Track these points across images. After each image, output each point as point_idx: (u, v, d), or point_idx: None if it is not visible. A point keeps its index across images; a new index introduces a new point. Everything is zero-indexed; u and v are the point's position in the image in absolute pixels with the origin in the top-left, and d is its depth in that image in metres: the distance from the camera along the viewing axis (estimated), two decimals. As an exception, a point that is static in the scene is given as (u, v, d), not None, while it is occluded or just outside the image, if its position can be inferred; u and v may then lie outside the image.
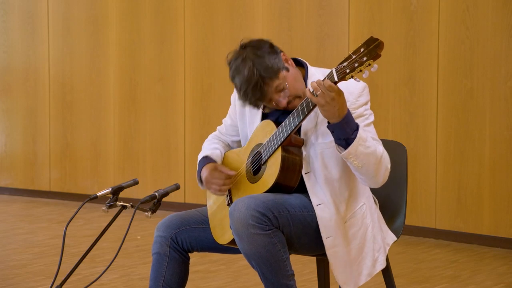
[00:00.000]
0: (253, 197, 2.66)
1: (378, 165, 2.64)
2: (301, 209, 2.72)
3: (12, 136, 7.30)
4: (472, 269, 4.60)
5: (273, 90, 2.72)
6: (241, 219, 2.60)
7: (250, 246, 2.60)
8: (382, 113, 5.42)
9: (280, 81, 2.71)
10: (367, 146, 2.61)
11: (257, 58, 2.70)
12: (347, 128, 2.58)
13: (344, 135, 2.59)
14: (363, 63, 2.44)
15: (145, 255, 4.87)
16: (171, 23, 6.41)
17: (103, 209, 2.72)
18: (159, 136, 6.53)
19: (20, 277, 4.35)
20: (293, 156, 2.72)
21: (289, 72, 2.75)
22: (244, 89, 2.71)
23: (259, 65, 2.69)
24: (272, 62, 2.71)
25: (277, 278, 2.64)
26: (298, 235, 2.71)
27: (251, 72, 2.68)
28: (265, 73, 2.69)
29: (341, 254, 2.73)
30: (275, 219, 2.63)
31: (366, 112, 2.73)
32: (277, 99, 2.74)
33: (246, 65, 2.70)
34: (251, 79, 2.68)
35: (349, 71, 2.47)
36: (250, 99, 2.73)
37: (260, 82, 2.68)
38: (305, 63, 2.86)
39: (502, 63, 5.06)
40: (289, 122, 2.68)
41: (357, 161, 2.61)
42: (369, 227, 2.80)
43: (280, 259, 2.63)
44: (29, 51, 7.12)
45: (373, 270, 2.81)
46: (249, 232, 2.59)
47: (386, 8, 5.45)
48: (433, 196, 5.34)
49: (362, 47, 2.46)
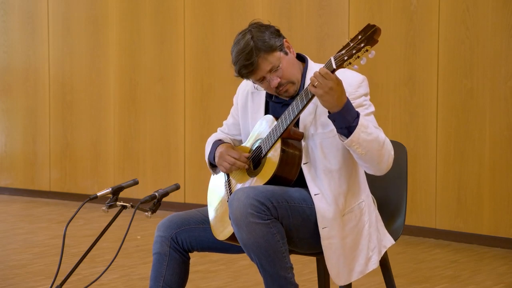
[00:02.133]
0: (253, 187, 2.68)
1: (381, 151, 2.66)
2: (301, 202, 2.73)
3: (12, 136, 7.30)
4: (472, 269, 4.60)
5: (266, 65, 2.76)
6: (240, 208, 2.61)
7: (249, 236, 2.61)
8: (382, 113, 5.42)
9: (275, 59, 2.77)
10: (369, 132, 2.62)
11: (258, 33, 2.78)
12: (347, 116, 2.59)
13: (345, 123, 2.60)
14: (361, 49, 2.48)
15: (145, 255, 4.87)
16: (171, 23, 6.41)
17: (103, 209, 2.72)
18: (159, 136, 6.53)
19: (20, 277, 4.35)
20: (292, 149, 2.74)
21: (287, 56, 2.81)
22: (238, 56, 2.76)
23: (257, 38, 2.76)
24: (271, 39, 2.78)
25: (275, 270, 2.65)
26: (297, 227, 2.72)
27: (248, 42, 2.75)
28: (260, 45, 2.75)
29: (336, 246, 2.74)
30: (274, 209, 2.64)
31: (366, 103, 2.75)
32: (270, 77, 2.78)
33: (245, 38, 2.77)
34: (246, 48, 2.75)
35: (347, 58, 2.51)
36: (241, 65, 2.76)
37: (253, 52, 2.74)
38: (306, 58, 2.90)
39: (502, 63, 5.06)
40: (288, 114, 2.71)
41: (360, 148, 2.62)
42: (365, 224, 2.81)
43: (278, 250, 2.63)
44: (29, 51, 7.12)
45: (365, 268, 2.81)
46: (248, 221, 2.59)
47: (386, 8, 5.45)
48: (433, 196, 5.34)
49: (360, 34, 2.51)
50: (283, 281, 2.66)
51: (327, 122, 2.71)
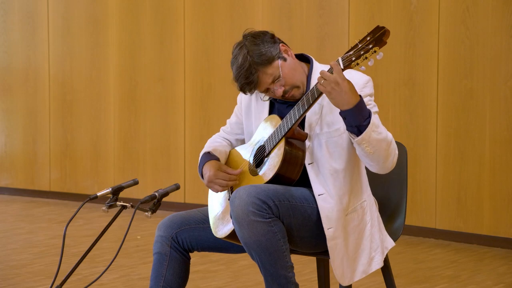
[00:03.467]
0: (254, 185, 2.68)
1: (388, 150, 2.66)
2: (302, 201, 2.74)
3: (12, 136, 7.30)
4: (472, 269, 4.60)
5: (267, 78, 2.77)
6: (242, 206, 2.61)
7: (249, 234, 2.61)
8: (382, 113, 5.41)
9: (274, 69, 2.77)
10: (379, 132, 2.63)
11: (253, 46, 2.78)
12: (359, 115, 2.58)
13: (356, 122, 2.59)
14: (369, 50, 2.50)
15: (145, 255, 4.87)
16: (171, 23, 6.41)
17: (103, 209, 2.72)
18: (159, 136, 6.53)
19: (20, 277, 4.35)
20: (295, 149, 2.74)
21: (286, 62, 2.80)
22: (238, 74, 2.78)
23: (253, 52, 2.76)
24: (267, 50, 2.78)
25: (276, 269, 2.65)
26: (298, 226, 2.72)
27: (245, 59, 2.76)
28: (257, 59, 2.76)
29: (340, 246, 2.75)
30: (276, 208, 2.64)
31: (371, 103, 2.76)
32: (273, 88, 2.79)
33: (242, 53, 2.78)
34: (244, 65, 2.76)
35: (354, 59, 2.52)
36: (242, 83, 2.78)
37: (252, 68, 2.75)
38: (311, 58, 2.90)
39: (502, 63, 5.06)
40: (293, 114, 2.72)
41: (369, 147, 2.62)
42: (367, 224, 2.81)
43: (279, 249, 2.64)
44: (29, 51, 7.12)
45: (369, 268, 2.82)
46: (249, 219, 2.59)
47: (386, 8, 5.45)
48: (433, 196, 5.34)
49: (369, 36, 2.52)
50: (283, 279, 2.66)
51: (333, 122, 2.73)
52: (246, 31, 2.85)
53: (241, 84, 2.79)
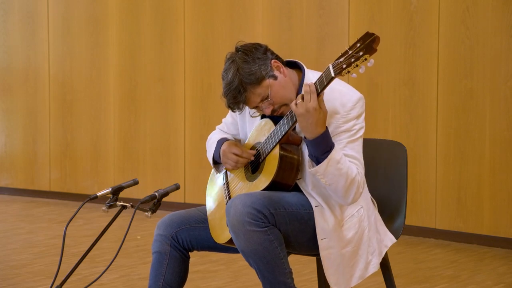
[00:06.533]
0: (249, 194, 2.67)
1: (348, 187, 2.63)
2: (298, 207, 2.72)
3: (12, 136, 7.30)
4: (472, 269, 4.60)
5: (255, 97, 2.73)
6: (237, 216, 2.60)
7: (246, 243, 2.60)
8: (382, 113, 5.42)
9: (263, 89, 2.72)
10: (339, 168, 2.60)
11: (244, 63, 2.72)
12: (318, 148, 2.58)
13: (315, 153, 2.59)
14: (359, 57, 2.45)
15: (145, 255, 4.87)
16: (171, 23, 6.41)
17: (103, 209, 2.72)
18: (159, 136, 6.53)
19: (20, 277, 4.35)
20: (290, 154, 2.72)
21: (277, 80, 2.74)
22: (227, 92, 2.74)
23: (243, 70, 2.71)
24: (257, 69, 2.71)
25: (274, 276, 2.64)
26: (295, 233, 2.71)
27: (234, 76, 2.71)
28: (247, 79, 2.71)
29: (335, 256, 2.73)
30: (272, 217, 2.63)
31: (355, 127, 2.69)
32: (261, 107, 2.76)
33: (231, 69, 2.73)
34: (233, 83, 2.72)
35: (345, 66, 2.47)
36: (230, 102, 2.75)
37: (240, 88, 2.71)
38: (303, 67, 2.83)
39: (502, 63, 5.06)
40: (286, 120, 2.69)
41: (324, 179, 2.62)
42: (365, 229, 2.79)
43: (277, 257, 2.63)
44: (29, 51, 7.12)
45: (365, 272, 2.80)
46: (245, 229, 2.59)
47: (386, 8, 5.45)
48: (433, 196, 5.34)
49: (359, 42, 2.47)
50: (282, 286, 2.66)
51: None
52: (239, 44, 2.79)
53: (229, 103, 2.76)
